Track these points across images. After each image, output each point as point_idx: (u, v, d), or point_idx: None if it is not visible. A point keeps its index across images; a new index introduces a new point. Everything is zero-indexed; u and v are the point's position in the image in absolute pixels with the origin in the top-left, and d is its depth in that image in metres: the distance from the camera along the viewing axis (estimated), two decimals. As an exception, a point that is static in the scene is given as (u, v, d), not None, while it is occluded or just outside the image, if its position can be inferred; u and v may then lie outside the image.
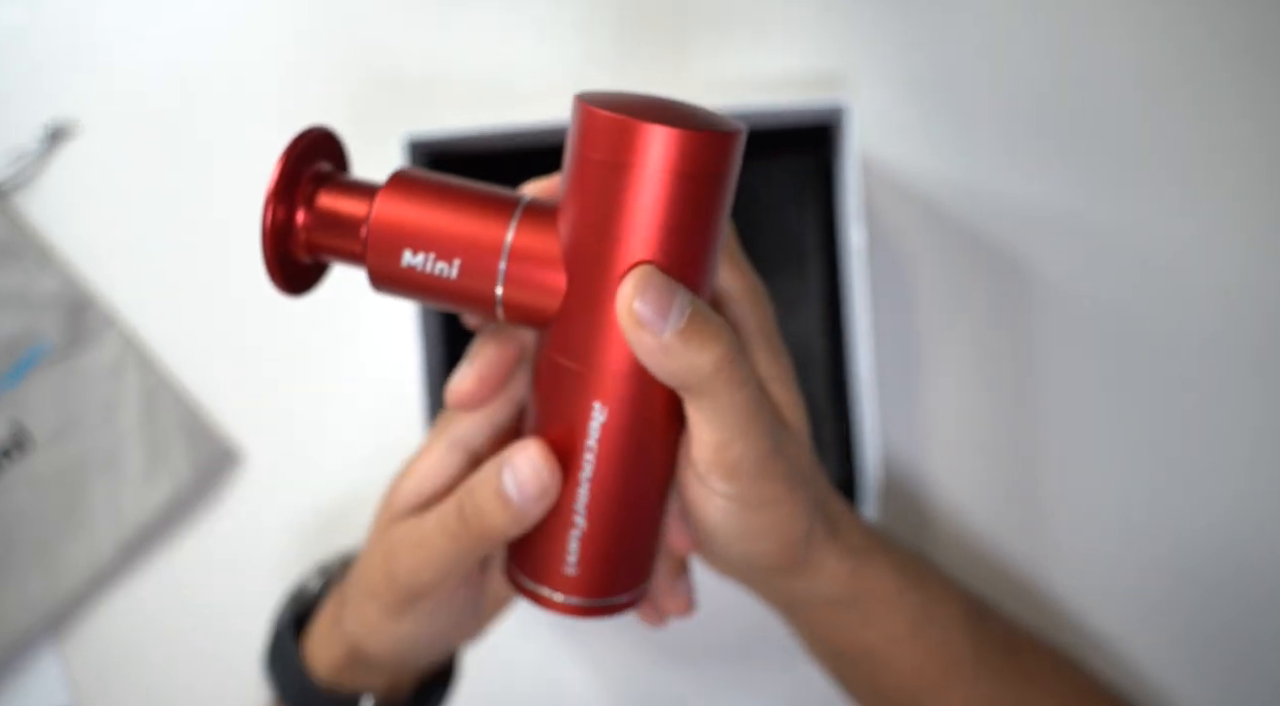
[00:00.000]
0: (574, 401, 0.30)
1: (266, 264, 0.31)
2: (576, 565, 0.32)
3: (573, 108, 0.29)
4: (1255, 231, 0.54)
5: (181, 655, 0.57)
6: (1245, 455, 0.54)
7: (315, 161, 0.32)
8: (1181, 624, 0.55)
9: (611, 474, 0.31)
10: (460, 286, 0.30)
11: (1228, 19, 0.54)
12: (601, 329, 0.29)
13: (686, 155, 0.27)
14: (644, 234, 0.28)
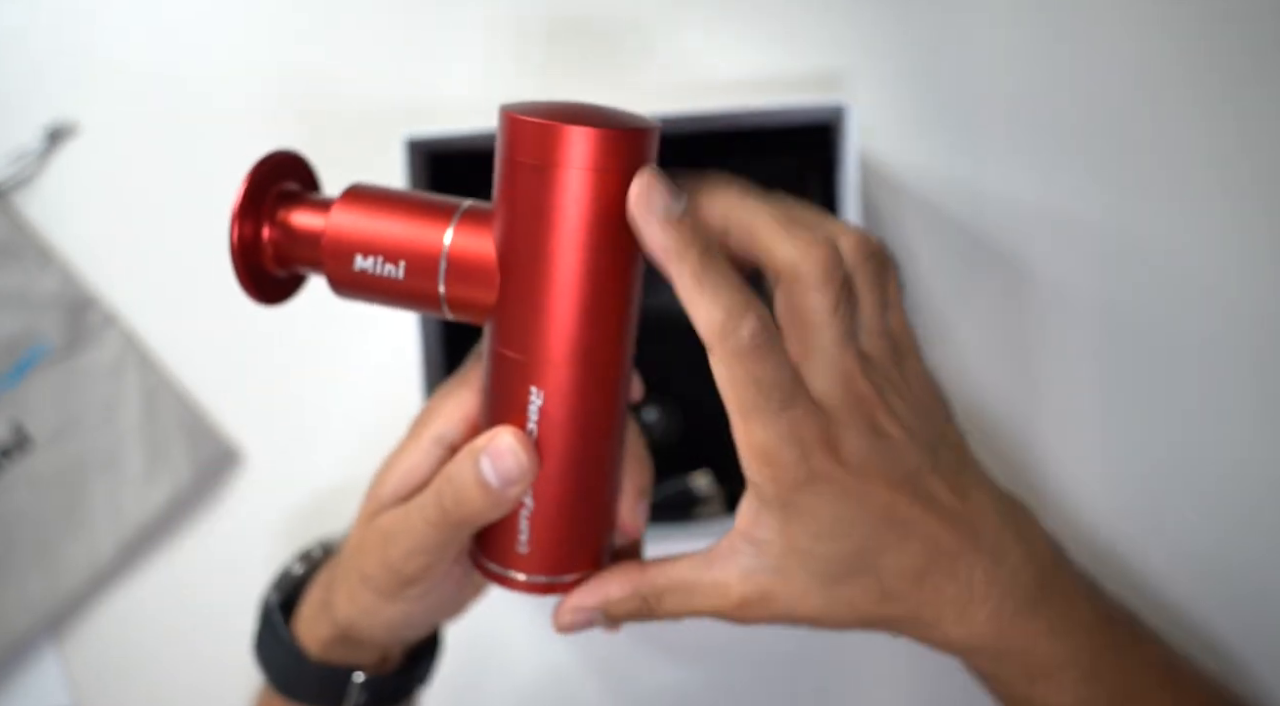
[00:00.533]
0: (515, 387, 0.33)
1: (238, 276, 0.35)
2: (528, 543, 0.35)
3: (498, 119, 0.31)
4: (1255, 231, 0.54)
5: (181, 655, 0.57)
6: (1245, 454, 0.54)
7: (281, 181, 0.36)
8: (1182, 622, 0.55)
9: (553, 453, 0.33)
10: (408, 286, 0.33)
11: (1228, 19, 0.54)
12: (535, 320, 0.32)
13: (604, 152, 0.30)
14: (570, 229, 0.31)
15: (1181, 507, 0.55)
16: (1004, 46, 0.55)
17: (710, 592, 0.35)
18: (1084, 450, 0.55)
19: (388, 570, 0.37)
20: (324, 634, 0.40)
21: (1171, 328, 0.54)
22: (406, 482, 0.38)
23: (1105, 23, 0.55)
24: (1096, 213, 0.55)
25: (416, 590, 0.37)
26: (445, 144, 0.50)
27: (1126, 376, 0.55)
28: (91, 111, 0.58)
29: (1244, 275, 0.54)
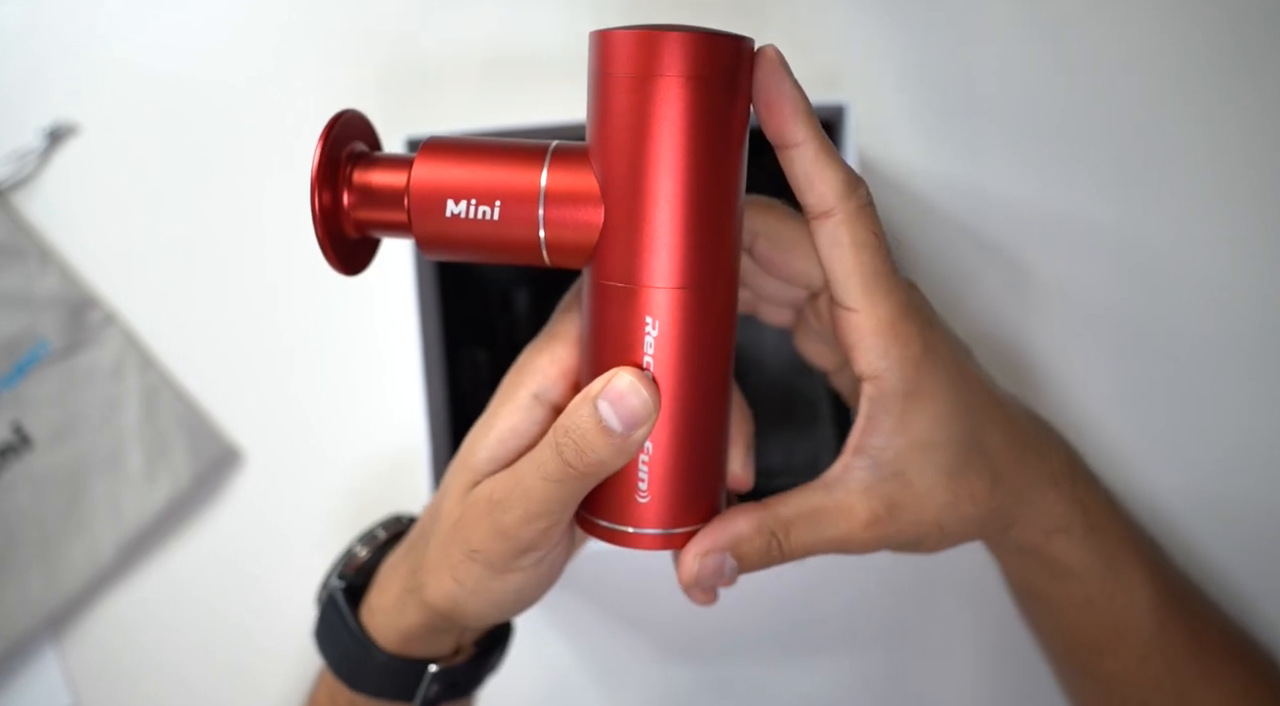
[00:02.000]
0: (626, 321, 0.31)
1: (321, 246, 0.33)
2: (649, 492, 0.32)
3: (590, 43, 0.31)
4: (1255, 231, 0.54)
5: (181, 655, 0.57)
6: (1244, 453, 0.54)
7: (350, 143, 0.34)
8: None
9: (672, 389, 0.31)
10: (504, 228, 0.32)
11: (1228, 19, 0.54)
12: (645, 243, 0.30)
13: (701, 58, 0.29)
14: (672, 141, 0.30)
15: (1182, 505, 0.55)
16: (1004, 46, 0.55)
17: (837, 517, 0.34)
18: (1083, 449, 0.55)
19: (503, 539, 0.33)
20: (411, 622, 0.37)
21: (1171, 327, 0.54)
22: (507, 446, 0.35)
23: (1104, 22, 0.55)
24: (1096, 212, 0.55)
25: (533, 558, 0.34)
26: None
27: (1126, 375, 0.55)
28: (91, 111, 0.58)
29: (1244, 274, 0.54)
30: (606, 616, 0.57)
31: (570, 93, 0.56)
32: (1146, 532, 0.44)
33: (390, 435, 0.57)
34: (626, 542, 0.33)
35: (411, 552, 0.38)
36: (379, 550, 0.42)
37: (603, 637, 0.57)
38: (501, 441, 0.35)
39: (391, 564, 0.40)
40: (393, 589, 0.38)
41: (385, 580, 0.39)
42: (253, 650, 0.57)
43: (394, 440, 0.57)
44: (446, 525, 0.36)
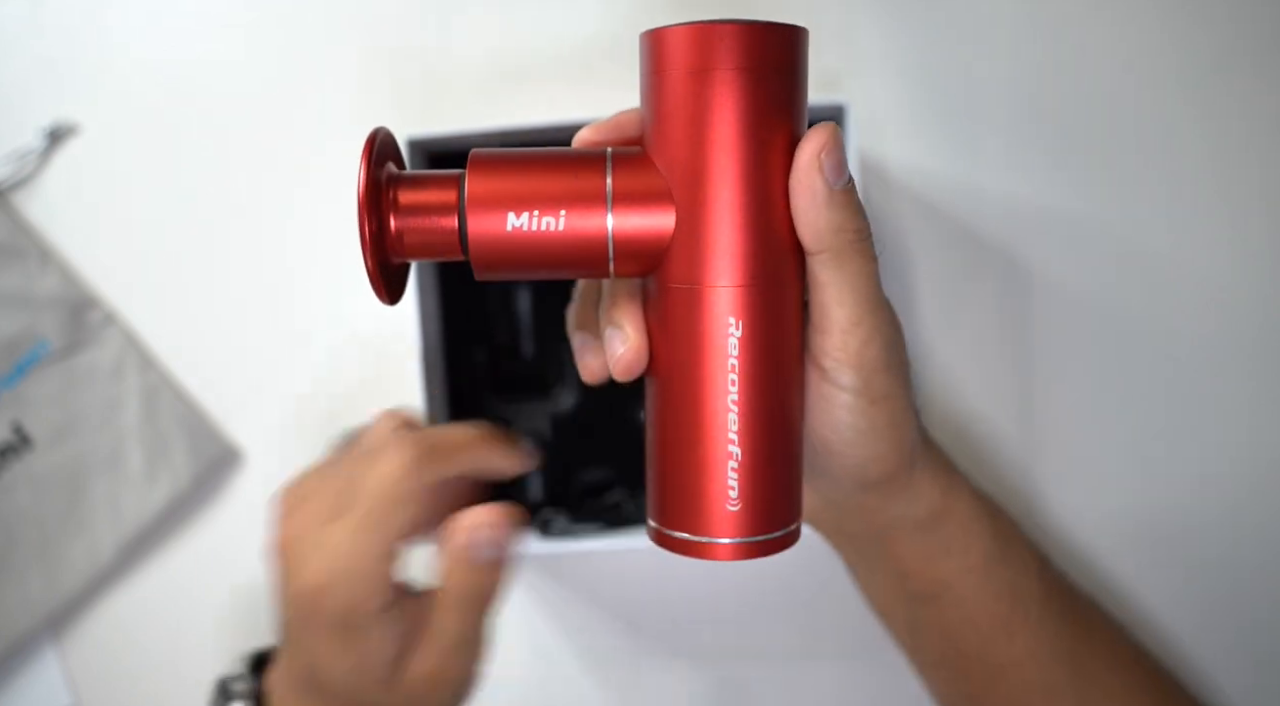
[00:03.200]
0: (707, 322, 0.30)
1: (371, 276, 0.31)
2: (739, 499, 0.31)
3: (642, 44, 0.31)
4: (1255, 231, 0.54)
5: (181, 655, 0.57)
6: (1244, 452, 0.54)
7: (384, 163, 0.32)
8: (1184, 615, 0.55)
9: (758, 389, 0.31)
10: (570, 239, 0.30)
11: (1227, 19, 0.54)
12: (722, 243, 0.30)
13: (757, 48, 0.29)
14: (738, 132, 0.29)
15: (1181, 505, 0.55)
16: (1003, 46, 0.55)
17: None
18: (1083, 448, 0.55)
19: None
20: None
21: (1171, 326, 0.54)
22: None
23: (1104, 22, 0.55)
24: (1094, 210, 0.55)
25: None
26: (444, 144, 0.50)
27: (1125, 373, 0.55)
28: (91, 111, 0.58)
29: (1244, 274, 0.54)
30: (606, 616, 0.57)
31: (568, 94, 0.56)
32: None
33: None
34: (710, 554, 0.31)
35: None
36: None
37: (602, 637, 0.57)
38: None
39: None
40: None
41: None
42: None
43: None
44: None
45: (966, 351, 0.55)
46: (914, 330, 0.55)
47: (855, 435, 0.33)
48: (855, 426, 0.33)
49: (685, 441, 0.31)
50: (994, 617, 0.41)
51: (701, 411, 0.31)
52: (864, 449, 0.34)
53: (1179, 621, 0.55)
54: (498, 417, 0.54)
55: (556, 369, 0.54)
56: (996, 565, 0.40)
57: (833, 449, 0.34)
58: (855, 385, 0.32)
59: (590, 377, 0.35)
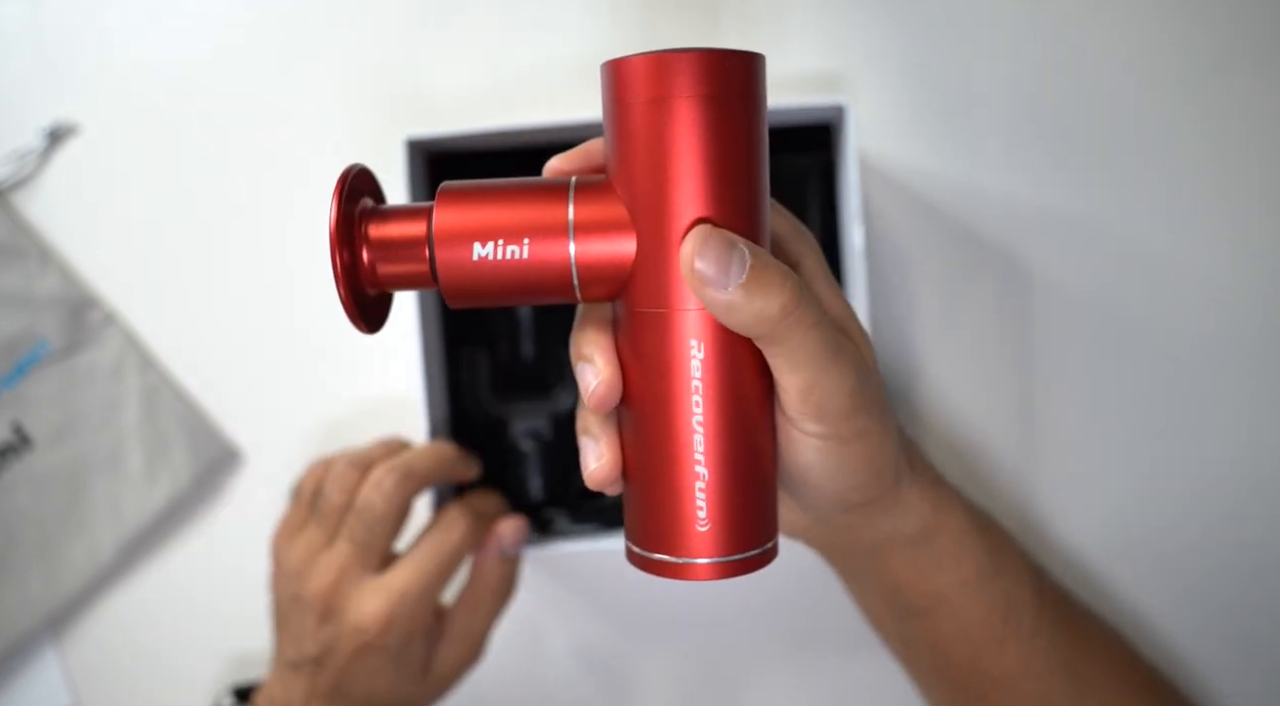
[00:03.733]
0: (670, 346, 0.31)
1: (345, 307, 0.32)
2: (708, 519, 0.32)
3: (602, 74, 0.31)
4: (1253, 229, 0.54)
5: (181, 655, 0.57)
6: (1243, 451, 0.54)
7: (360, 198, 0.33)
8: (1182, 611, 0.55)
9: (722, 410, 0.31)
10: (535, 266, 0.31)
11: (1226, 19, 0.54)
12: (679, 269, 0.30)
13: (715, 75, 0.29)
14: (696, 158, 0.30)
15: (1179, 506, 0.55)
16: (1004, 47, 0.55)
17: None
18: (1082, 447, 0.55)
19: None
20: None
21: (1171, 327, 0.54)
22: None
23: (1103, 22, 0.55)
24: (1094, 210, 0.55)
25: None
26: (444, 144, 0.50)
27: (1125, 373, 0.55)
28: (91, 111, 0.58)
29: (1243, 275, 0.54)
30: (605, 615, 0.57)
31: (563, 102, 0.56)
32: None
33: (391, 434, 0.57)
34: (688, 575, 0.32)
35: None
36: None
37: (601, 636, 0.57)
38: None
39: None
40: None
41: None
42: (252, 650, 0.57)
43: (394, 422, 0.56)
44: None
45: (965, 351, 0.55)
46: (912, 330, 0.55)
47: (829, 471, 0.33)
48: (826, 465, 0.33)
49: (654, 463, 0.32)
50: (988, 630, 0.41)
51: (668, 433, 0.31)
52: (841, 481, 0.34)
53: (1177, 624, 0.55)
54: (498, 418, 0.54)
55: (556, 369, 0.54)
56: (990, 578, 0.40)
57: (809, 480, 0.34)
58: (822, 432, 0.32)
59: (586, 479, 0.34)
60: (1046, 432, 0.55)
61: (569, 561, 0.57)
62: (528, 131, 0.48)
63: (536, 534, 0.52)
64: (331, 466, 0.47)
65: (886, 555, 0.39)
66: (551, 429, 0.54)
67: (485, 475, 0.55)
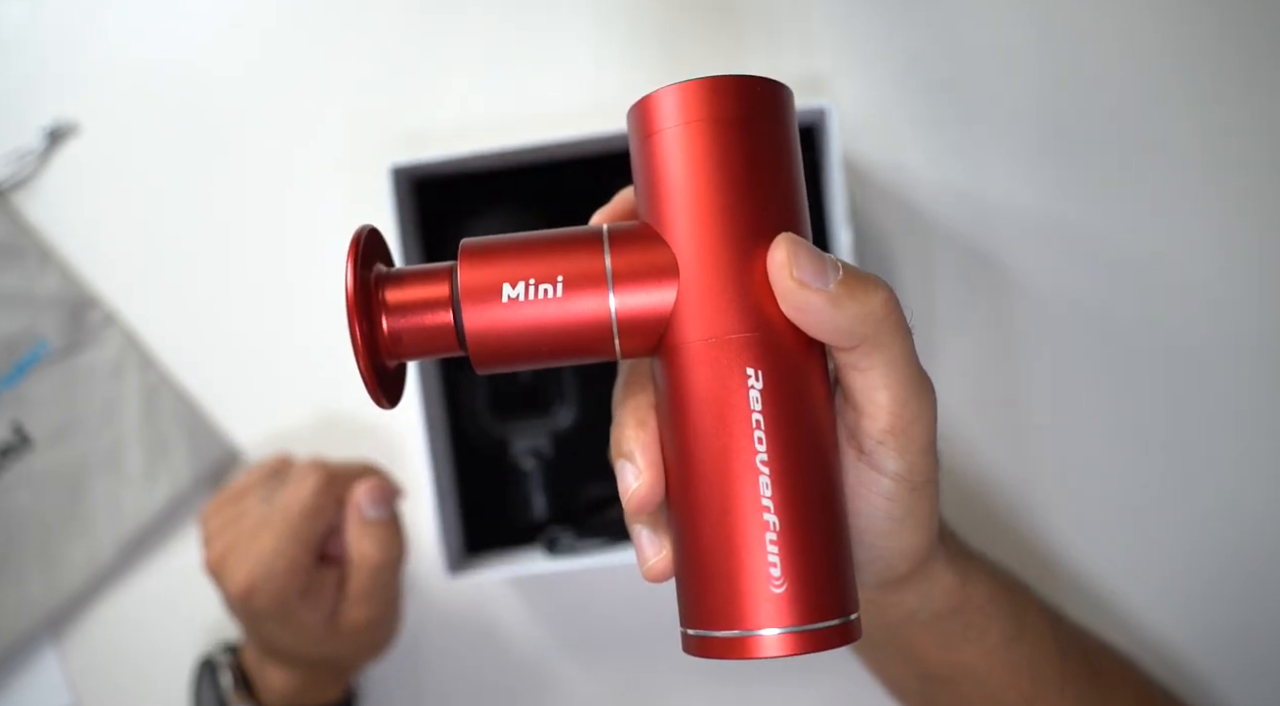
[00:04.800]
0: (724, 378, 0.28)
1: (366, 381, 0.30)
2: (784, 577, 0.27)
3: (629, 116, 0.30)
4: (1251, 236, 0.54)
5: (181, 655, 0.57)
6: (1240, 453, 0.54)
7: (372, 263, 0.31)
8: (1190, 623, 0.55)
9: (789, 447, 0.27)
10: (568, 310, 0.29)
11: (1220, 23, 0.54)
12: (728, 294, 0.28)
13: (728, 98, 0.29)
14: (720, 175, 0.28)
15: (1179, 506, 0.55)
16: (991, 50, 0.55)
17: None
18: (1074, 447, 0.55)
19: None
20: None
21: (1169, 330, 0.54)
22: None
23: (1093, 26, 0.55)
24: (1078, 213, 0.55)
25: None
26: (430, 170, 0.50)
27: (1115, 375, 0.55)
28: (91, 111, 0.58)
29: (1242, 280, 0.54)
30: (611, 631, 0.57)
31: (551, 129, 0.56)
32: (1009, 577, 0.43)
33: (390, 435, 0.57)
34: (758, 651, 0.27)
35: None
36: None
37: (607, 653, 0.57)
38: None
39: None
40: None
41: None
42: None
43: (393, 440, 0.57)
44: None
45: (954, 350, 0.55)
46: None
47: (891, 524, 0.31)
48: (892, 515, 0.30)
49: (714, 521, 0.27)
50: (1017, 692, 0.40)
51: (728, 482, 0.27)
52: (897, 540, 0.31)
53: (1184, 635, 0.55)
54: (498, 438, 0.54)
55: (555, 387, 0.54)
56: (1014, 641, 0.39)
57: (865, 540, 0.31)
58: (899, 470, 0.29)
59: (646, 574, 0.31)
60: (1035, 430, 0.55)
61: (574, 578, 0.57)
62: (508, 153, 0.49)
63: (544, 551, 0.52)
64: (296, 467, 0.49)
65: (911, 631, 0.38)
66: (552, 447, 0.54)
67: (488, 495, 0.55)
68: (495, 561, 0.51)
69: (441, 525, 0.49)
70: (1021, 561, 0.55)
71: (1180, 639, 0.55)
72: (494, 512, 0.55)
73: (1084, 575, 0.55)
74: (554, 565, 0.49)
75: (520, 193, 0.53)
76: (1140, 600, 0.55)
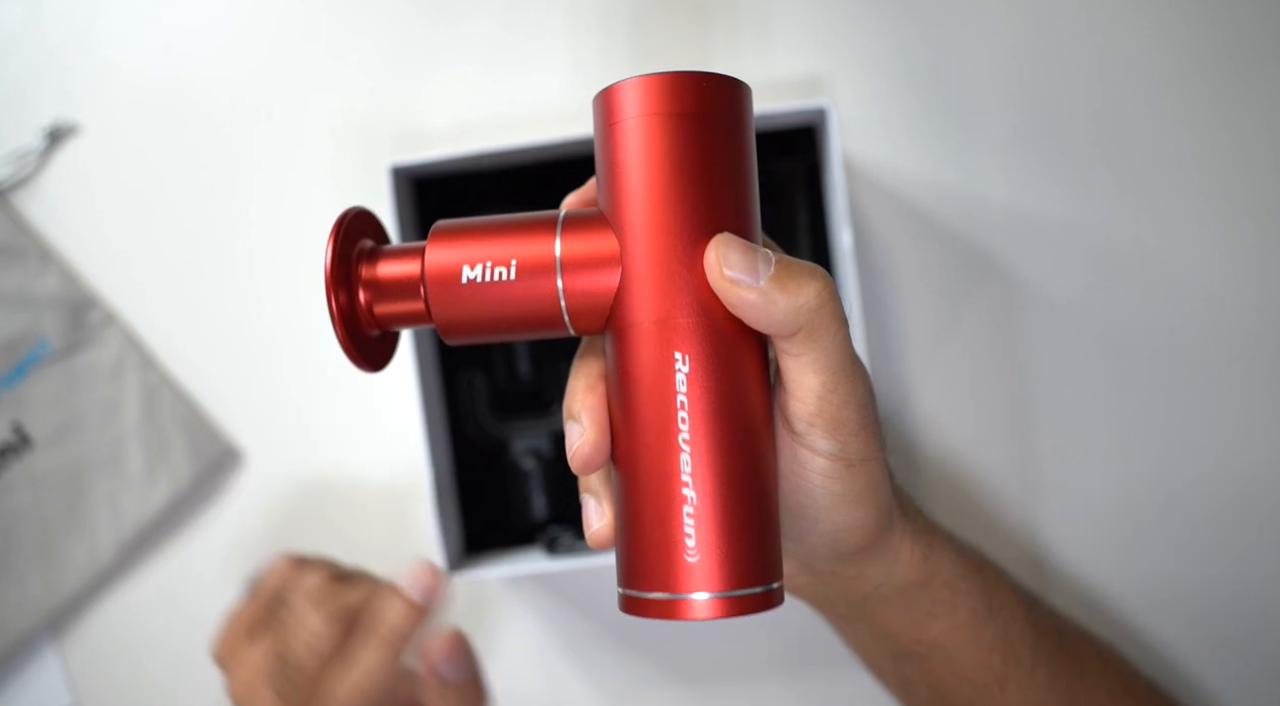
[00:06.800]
0: (653, 361, 0.30)
1: (343, 346, 0.33)
2: (698, 548, 0.29)
3: (594, 105, 0.32)
4: (1244, 237, 0.54)
5: (181, 655, 0.57)
6: (1238, 454, 0.54)
7: (358, 240, 0.34)
8: (1180, 607, 0.55)
9: (711, 428, 0.30)
10: (522, 289, 0.31)
11: (1215, 23, 0.54)
12: (665, 282, 0.30)
13: (694, 93, 0.30)
14: (666, 167, 0.30)
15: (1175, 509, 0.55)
16: (990, 50, 0.55)
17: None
18: (1072, 446, 0.55)
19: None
20: None
21: (1169, 329, 0.54)
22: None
23: (1093, 26, 0.55)
24: (1075, 212, 0.55)
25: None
26: (429, 169, 0.50)
27: (1120, 382, 0.55)
28: (91, 111, 0.58)
29: (1239, 283, 0.54)
30: (611, 631, 0.57)
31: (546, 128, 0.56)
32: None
33: (389, 436, 0.57)
34: (680, 613, 0.30)
35: None
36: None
37: (607, 653, 0.57)
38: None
39: None
40: None
41: None
42: (252, 650, 0.57)
43: (393, 440, 0.57)
44: None
45: (954, 349, 0.55)
46: (902, 330, 0.55)
47: (831, 500, 0.32)
48: (831, 491, 0.32)
49: (641, 493, 0.30)
50: (987, 671, 0.40)
51: (654, 457, 0.30)
52: (841, 515, 0.33)
53: (1176, 635, 0.55)
54: (498, 438, 0.54)
55: (554, 387, 0.54)
56: (984, 620, 0.40)
57: (808, 515, 0.33)
58: (832, 450, 0.31)
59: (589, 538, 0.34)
60: (1034, 429, 0.55)
61: (574, 578, 0.57)
62: (510, 152, 0.49)
63: (544, 551, 0.52)
64: (302, 584, 0.44)
65: (877, 606, 0.39)
66: (552, 446, 0.54)
67: (488, 495, 0.55)
68: (495, 561, 0.51)
69: (441, 525, 0.49)
70: (1019, 560, 0.55)
71: (1180, 639, 0.55)
72: (494, 512, 0.55)
73: (1083, 574, 0.55)
74: (554, 565, 0.49)
75: (518, 191, 0.54)
76: (1140, 599, 0.55)
